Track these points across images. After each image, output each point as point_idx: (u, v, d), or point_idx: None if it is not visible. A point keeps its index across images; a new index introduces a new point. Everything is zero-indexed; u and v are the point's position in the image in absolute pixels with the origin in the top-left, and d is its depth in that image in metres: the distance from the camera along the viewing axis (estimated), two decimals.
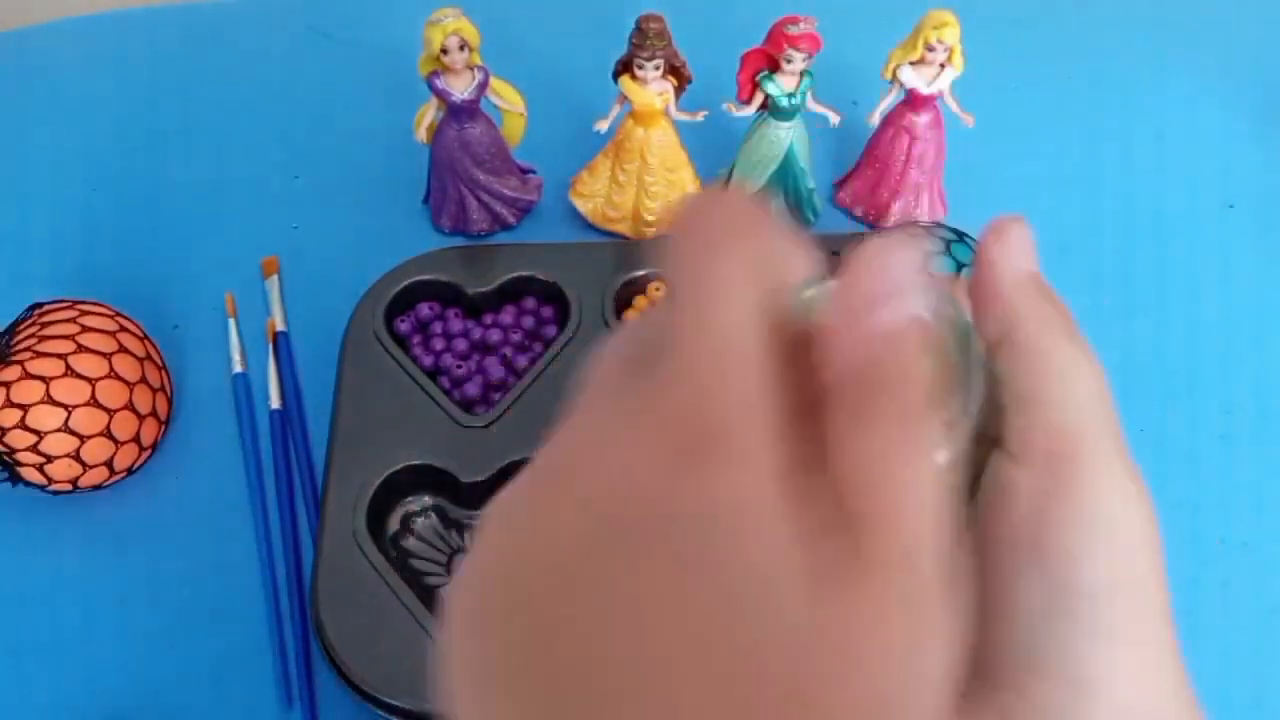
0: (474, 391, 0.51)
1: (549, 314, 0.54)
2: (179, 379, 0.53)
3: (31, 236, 0.60)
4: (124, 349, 0.47)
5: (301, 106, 0.68)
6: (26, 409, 0.44)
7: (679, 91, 0.54)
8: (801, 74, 0.53)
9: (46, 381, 0.44)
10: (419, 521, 0.47)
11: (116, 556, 0.47)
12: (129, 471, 0.48)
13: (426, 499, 0.48)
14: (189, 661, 0.44)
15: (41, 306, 0.48)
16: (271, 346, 0.54)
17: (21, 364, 0.44)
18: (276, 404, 0.52)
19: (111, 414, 0.46)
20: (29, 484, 0.46)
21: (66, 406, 0.44)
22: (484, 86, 0.54)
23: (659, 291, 0.55)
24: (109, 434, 0.46)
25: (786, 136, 0.56)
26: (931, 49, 0.53)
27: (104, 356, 0.46)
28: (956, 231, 0.50)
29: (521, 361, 0.52)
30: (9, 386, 0.44)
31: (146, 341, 0.50)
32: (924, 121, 0.57)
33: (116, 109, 0.67)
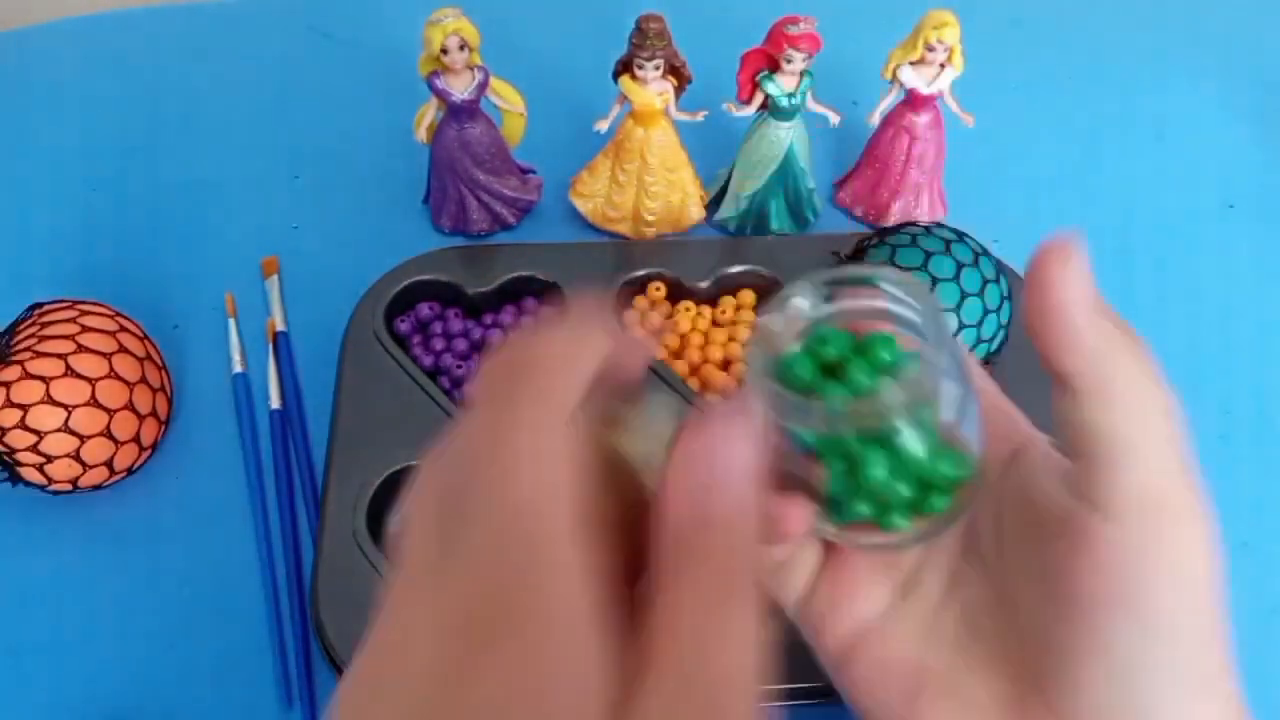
0: None
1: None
2: (179, 379, 0.53)
3: (31, 236, 0.60)
4: (124, 349, 0.47)
5: (301, 106, 0.68)
6: (26, 409, 0.44)
7: (679, 91, 0.54)
8: (801, 74, 0.53)
9: (46, 381, 0.44)
10: None
11: (116, 556, 0.47)
12: (129, 471, 0.48)
13: None
14: (189, 661, 0.44)
15: (41, 306, 0.48)
16: (271, 346, 0.54)
17: (21, 364, 0.44)
18: (276, 404, 0.52)
19: (111, 414, 0.46)
20: (29, 484, 0.46)
21: (66, 406, 0.44)
22: (484, 86, 0.54)
23: (659, 292, 0.55)
24: (109, 434, 0.46)
25: (786, 136, 0.56)
26: (931, 49, 0.54)
27: (104, 356, 0.46)
28: (956, 231, 0.50)
29: None
30: (9, 386, 0.44)
31: (146, 341, 0.50)
32: (924, 121, 0.57)
33: (116, 109, 0.67)
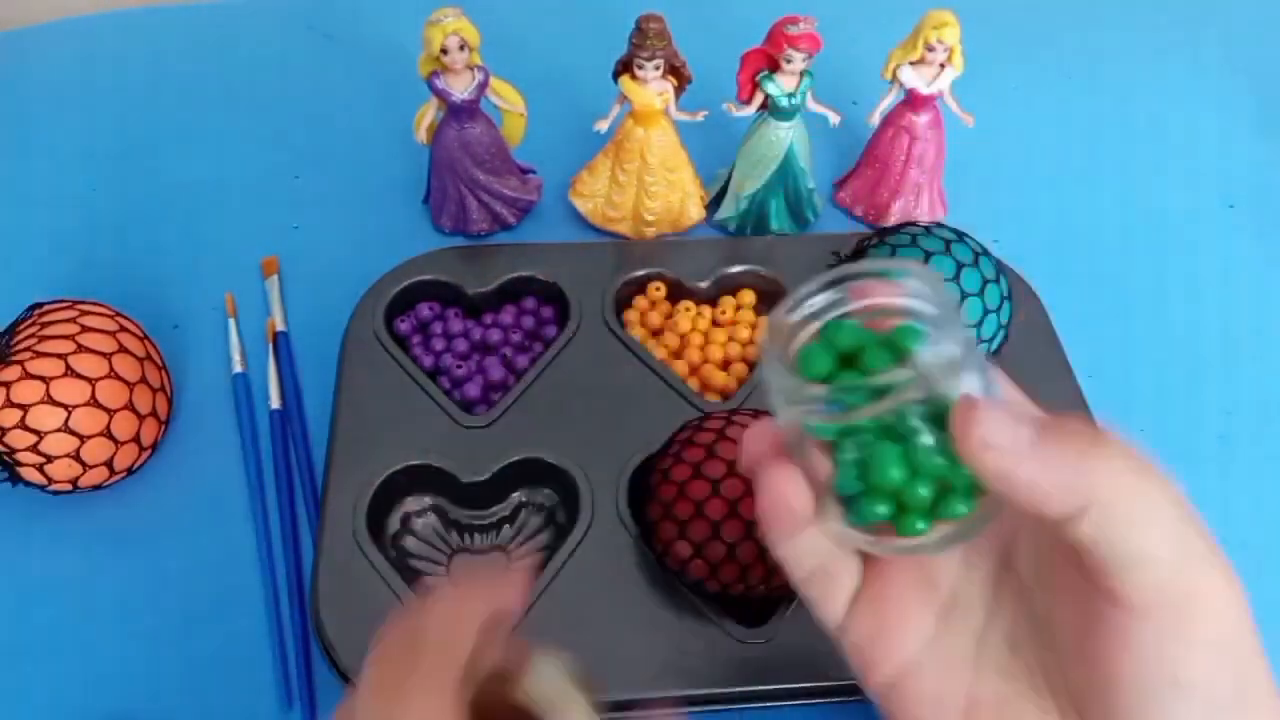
0: (474, 392, 0.51)
1: (549, 314, 0.54)
2: (179, 379, 0.53)
3: (31, 236, 0.60)
4: (124, 349, 0.47)
5: (301, 106, 0.68)
6: (26, 409, 0.44)
7: (679, 91, 0.54)
8: (801, 74, 0.53)
9: (46, 381, 0.44)
10: (419, 521, 0.47)
11: (116, 556, 0.47)
12: (129, 471, 0.48)
13: (426, 499, 0.48)
14: (189, 661, 0.44)
15: (41, 306, 0.48)
16: (271, 346, 0.54)
17: (21, 364, 0.44)
18: (276, 404, 0.52)
19: (111, 414, 0.46)
20: (29, 484, 0.46)
21: (66, 406, 0.44)
22: (484, 86, 0.54)
23: (659, 292, 0.55)
24: (109, 434, 0.46)
25: (786, 136, 0.56)
26: (931, 49, 0.54)
27: (104, 356, 0.46)
28: (956, 231, 0.50)
29: (521, 361, 0.52)
30: (9, 386, 0.44)
31: (146, 341, 0.50)
32: (924, 121, 0.57)
33: (116, 109, 0.67)
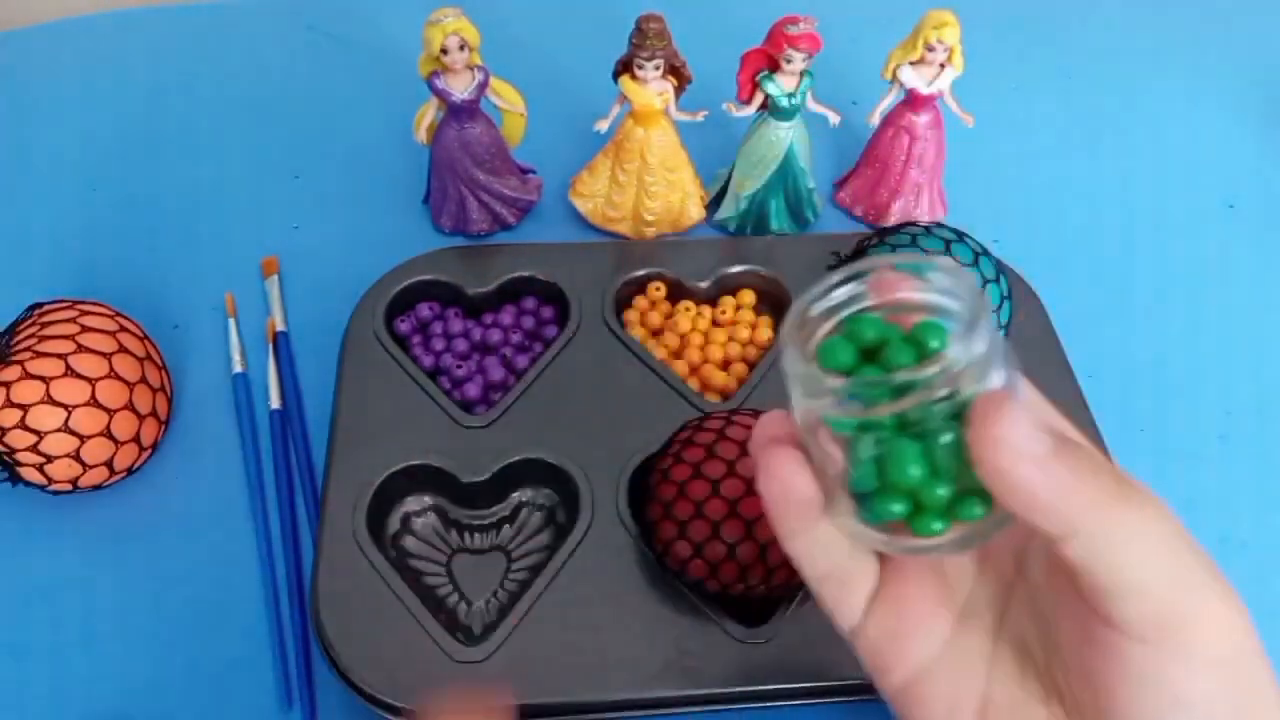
0: (474, 392, 0.51)
1: (549, 314, 0.54)
2: (179, 379, 0.53)
3: (31, 236, 0.60)
4: (124, 349, 0.47)
5: (301, 106, 0.68)
6: (26, 409, 0.44)
7: (679, 91, 0.54)
8: (801, 74, 0.53)
9: (46, 381, 0.44)
10: (419, 521, 0.47)
11: (116, 556, 0.47)
12: (129, 471, 0.48)
13: (426, 499, 0.48)
14: (189, 661, 0.44)
15: (41, 306, 0.48)
16: (271, 346, 0.54)
17: (21, 364, 0.44)
18: (276, 404, 0.52)
19: (111, 414, 0.46)
20: (29, 484, 0.46)
21: (66, 406, 0.44)
22: (484, 86, 0.54)
23: (659, 292, 0.55)
24: (109, 434, 0.46)
25: (786, 136, 0.56)
26: (931, 49, 0.54)
27: (104, 356, 0.46)
28: (956, 231, 0.50)
29: (521, 361, 0.52)
30: (9, 386, 0.44)
31: (146, 341, 0.50)
32: (924, 121, 0.57)
33: (116, 109, 0.68)
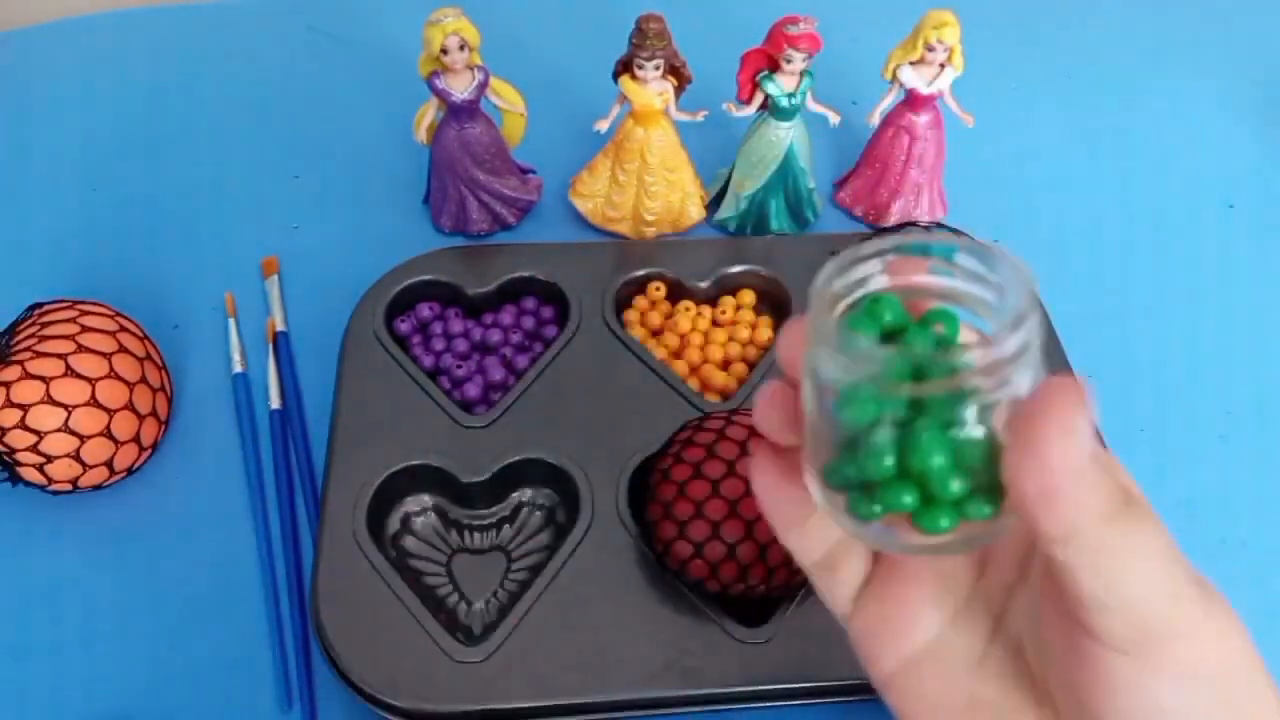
0: (474, 392, 0.51)
1: (549, 314, 0.54)
2: (179, 379, 0.53)
3: (31, 236, 0.60)
4: (124, 349, 0.47)
5: (301, 106, 0.68)
6: (26, 409, 0.44)
7: (679, 91, 0.54)
8: (801, 74, 0.53)
9: (46, 381, 0.44)
10: (419, 521, 0.47)
11: (116, 556, 0.47)
12: (129, 471, 0.48)
13: (426, 499, 0.48)
14: (189, 661, 0.44)
15: (41, 306, 0.48)
16: (271, 346, 0.54)
17: (21, 364, 0.44)
18: (276, 404, 0.52)
19: (111, 414, 0.46)
20: (29, 484, 0.46)
21: (66, 406, 0.44)
22: (484, 86, 0.54)
23: (659, 292, 0.55)
24: (109, 434, 0.46)
25: (786, 136, 0.56)
26: (931, 49, 0.54)
27: (104, 356, 0.46)
28: (956, 231, 0.50)
29: (521, 362, 0.52)
30: (9, 386, 0.44)
31: (146, 341, 0.50)
32: (924, 121, 0.57)
33: (116, 109, 0.67)
